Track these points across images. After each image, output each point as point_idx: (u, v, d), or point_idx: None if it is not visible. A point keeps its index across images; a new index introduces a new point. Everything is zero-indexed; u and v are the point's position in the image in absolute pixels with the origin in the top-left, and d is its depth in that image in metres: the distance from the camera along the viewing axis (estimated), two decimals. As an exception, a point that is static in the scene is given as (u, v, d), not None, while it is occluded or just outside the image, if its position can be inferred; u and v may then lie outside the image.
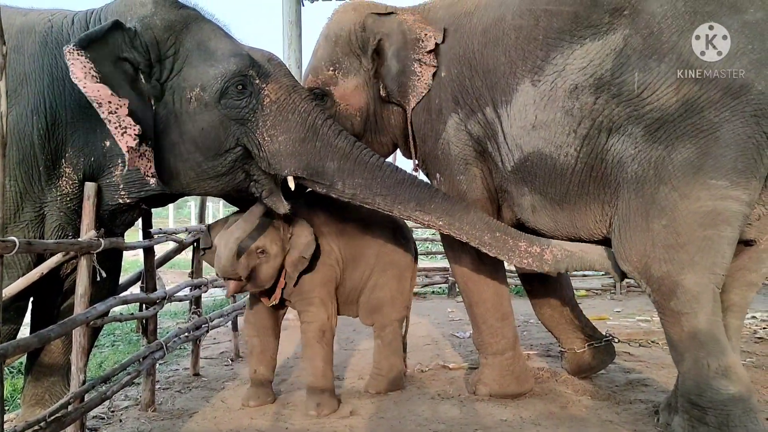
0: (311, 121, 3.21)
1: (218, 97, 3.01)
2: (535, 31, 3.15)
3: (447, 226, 3.29)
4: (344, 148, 3.25)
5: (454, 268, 3.99)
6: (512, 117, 3.28)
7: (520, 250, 3.25)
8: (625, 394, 3.90)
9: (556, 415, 3.56)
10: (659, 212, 2.83)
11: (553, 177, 3.21)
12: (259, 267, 3.55)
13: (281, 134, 3.14)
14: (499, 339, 3.86)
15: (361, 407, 3.77)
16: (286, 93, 3.19)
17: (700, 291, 2.81)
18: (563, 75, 3.04)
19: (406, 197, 3.28)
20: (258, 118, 3.11)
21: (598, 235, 3.22)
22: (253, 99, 3.09)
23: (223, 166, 3.12)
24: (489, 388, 3.87)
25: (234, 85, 3.03)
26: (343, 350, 5.31)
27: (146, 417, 3.65)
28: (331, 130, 3.25)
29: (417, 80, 3.68)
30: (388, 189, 3.27)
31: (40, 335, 2.49)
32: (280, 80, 3.22)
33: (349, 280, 4.02)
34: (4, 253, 2.18)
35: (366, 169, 3.26)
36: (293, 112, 3.17)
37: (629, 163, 2.91)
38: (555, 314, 4.33)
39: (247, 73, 3.07)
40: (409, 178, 3.39)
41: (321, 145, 3.20)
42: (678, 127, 2.77)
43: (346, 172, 3.23)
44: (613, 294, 9.04)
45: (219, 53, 3.06)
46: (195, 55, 3.04)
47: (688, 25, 2.75)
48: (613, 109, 2.92)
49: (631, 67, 2.86)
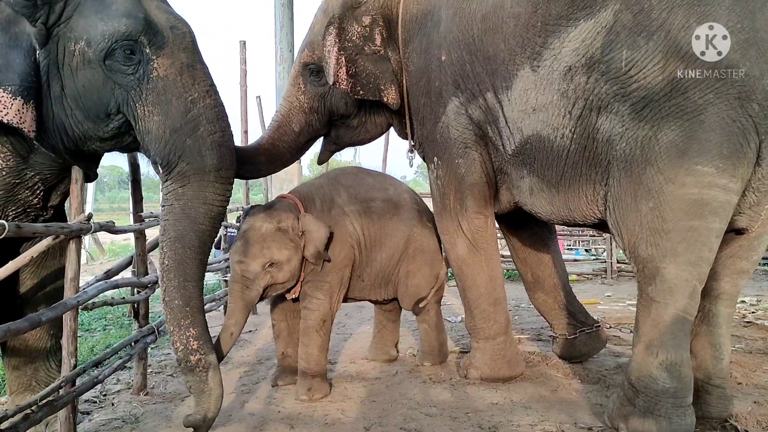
0: (194, 115, 2.80)
1: (103, 57, 2.67)
2: (534, 18, 3.12)
3: (165, 272, 2.90)
4: (207, 166, 2.83)
5: (449, 252, 3.99)
6: (513, 101, 3.27)
7: (183, 331, 2.89)
8: (615, 377, 3.92)
9: (547, 399, 3.58)
10: (646, 194, 2.81)
11: (550, 159, 3.20)
12: (276, 277, 3.54)
13: (157, 115, 2.76)
14: (491, 324, 3.88)
15: (353, 391, 3.79)
16: (176, 71, 2.78)
17: (677, 284, 2.80)
18: (558, 58, 3.02)
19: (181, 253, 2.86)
20: (142, 90, 2.74)
21: (591, 217, 3.21)
22: (140, 68, 2.73)
23: (106, 132, 2.80)
24: (480, 372, 3.89)
25: (121, 48, 2.68)
26: (336, 334, 5.31)
27: (138, 401, 3.65)
28: (211, 138, 2.83)
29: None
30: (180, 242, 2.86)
31: (31, 319, 2.47)
32: (175, 55, 2.80)
33: (376, 262, 4.01)
34: (-6, 237, 2.17)
35: (191, 207, 2.84)
36: (178, 96, 2.78)
37: (617, 141, 2.88)
38: (548, 299, 4.34)
39: (137, 38, 2.70)
40: (201, 250, 2.91)
41: (191, 145, 2.80)
42: (663, 107, 2.72)
43: (185, 186, 2.84)
44: (604, 279, 9.11)
45: (113, 8, 2.69)
46: (89, 3, 2.69)
47: (678, 1, 2.69)
48: (602, 87, 2.89)
49: (620, 44, 2.81)
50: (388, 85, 3.88)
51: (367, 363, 4.43)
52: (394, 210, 4.07)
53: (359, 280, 4.00)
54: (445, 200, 3.83)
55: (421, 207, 4.29)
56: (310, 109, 4.06)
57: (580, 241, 12.24)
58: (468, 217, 3.76)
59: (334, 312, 3.85)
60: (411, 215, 4.13)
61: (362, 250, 3.93)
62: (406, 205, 4.14)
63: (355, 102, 3.97)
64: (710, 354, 3.16)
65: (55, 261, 3.12)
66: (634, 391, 2.93)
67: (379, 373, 4.18)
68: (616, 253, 9.22)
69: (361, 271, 3.98)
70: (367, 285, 4.06)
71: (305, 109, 4.05)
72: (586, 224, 3.35)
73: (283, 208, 3.69)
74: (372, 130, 4.21)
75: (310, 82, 4.04)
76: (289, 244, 3.56)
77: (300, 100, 4.06)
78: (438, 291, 4.28)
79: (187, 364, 2.90)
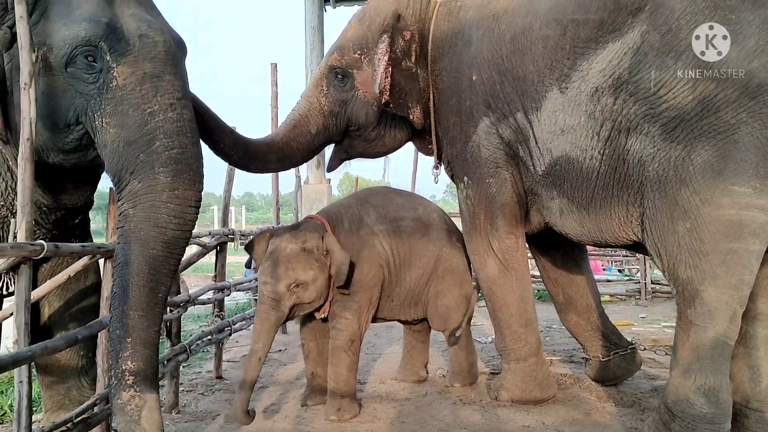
0: (151, 128, 2.50)
1: (64, 63, 2.52)
2: (562, 41, 3.14)
3: (111, 300, 2.59)
4: (160, 184, 2.48)
5: (479, 272, 3.97)
6: (542, 122, 3.27)
7: (120, 364, 2.45)
8: (650, 401, 3.84)
9: (580, 422, 3.52)
10: (683, 215, 2.78)
11: (580, 181, 3.19)
12: (302, 297, 3.56)
13: (113, 127, 2.52)
14: (522, 345, 3.83)
15: (382, 412, 3.77)
16: (137, 81, 2.52)
17: (717, 307, 2.74)
18: (586, 79, 3.03)
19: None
20: (102, 99, 2.52)
21: (623, 238, 3.17)
22: (101, 77, 2.52)
23: (66, 143, 2.65)
24: (511, 393, 3.84)
25: (82, 54, 2.50)
26: (365, 354, 5.30)
27: (170, 419, 3.68)
28: (167, 154, 2.49)
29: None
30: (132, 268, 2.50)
31: (67, 337, 2.54)
32: (138, 64, 2.54)
33: (405, 282, 4.00)
34: (33, 257, 2.23)
35: (141, 230, 2.49)
36: (136, 107, 2.50)
37: (649, 162, 2.87)
38: (581, 320, 4.28)
39: (97, 44, 2.50)
40: (151, 278, 2.51)
41: (144, 160, 2.49)
42: (695, 126, 2.70)
43: (136, 207, 2.50)
44: (638, 300, 8.94)
45: (77, 13, 2.53)
46: (56, 8, 2.55)
47: (707, 21, 2.68)
48: (630, 108, 2.89)
49: (648, 65, 2.82)
50: (415, 104, 3.90)
51: (397, 383, 4.41)
52: (424, 230, 4.07)
53: (388, 300, 4.00)
54: (475, 220, 3.82)
55: (451, 227, 4.27)
56: (330, 113, 4.01)
57: (613, 261, 12.06)
58: (499, 237, 3.74)
59: (363, 332, 3.84)
60: (440, 235, 4.12)
61: (391, 270, 3.93)
62: (435, 225, 4.14)
63: (376, 113, 3.96)
64: (748, 376, 3.08)
65: (79, 283, 3.15)
66: (670, 416, 2.87)
67: (408, 393, 4.15)
68: (650, 274, 9.06)
69: (390, 291, 3.97)
70: (396, 305, 4.05)
71: (325, 112, 4.01)
72: (617, 245, 3.32)
73: (309, 228, 3.71)
74: (389, 143, 4.19)
75: (333, 86, 4.01)
76: (315, 264, 3.57)
77: (321, 102, 4.02)
78: (469, 312, 4.25)
79: (117, 401, 2.44)
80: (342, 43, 3.99)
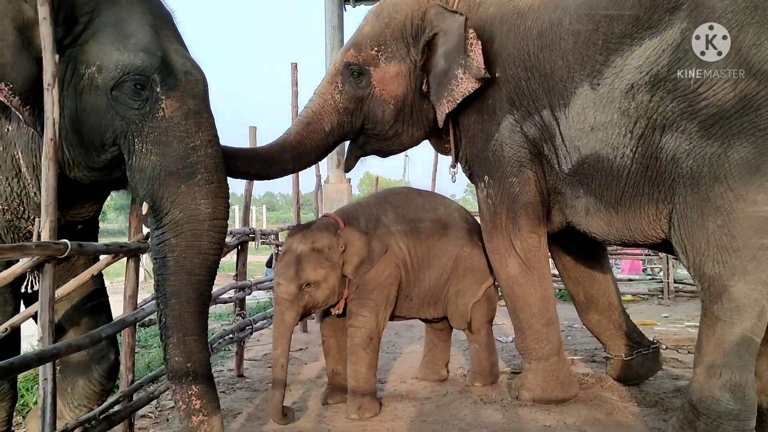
0: (193, 161, 2.67)
1: (111, 86, 2.60)
2: (595, 36, 3.11)
3: (163, 329, 2.76)
4: (202, 214, 2.67)
5: (499, 272, 3.94)
6: (570, 119, 3.25)
7: (185, 390, 2.67)
8: (673, 401, 3.80)
9: (602, 422, 3.49)
10: (714, 211, 2.76)
11: (609, 179, 3.17)
12: (315, 296, 3.58)
13: (155, 155, 2.65)
14: (543, 344, 3.81)
15: (403, 411, 3.77)
16: (183, 116, 2.68)
17: (746, 303, 2.72)
18: (620, 76, 3.02)
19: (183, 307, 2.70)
20: (144, 126, 2.65)
21: (652, 237, 3.15)
22: (147, 105, 2.64)
23: (97, 162, 2.73)
24: (532, 393, 3.82)
25: (132, 81, 2.61)
26: (385, 353, 5.30)
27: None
28: (208, 187, 2.69)
29: (456, 86, 3.60)
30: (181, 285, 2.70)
31: (92, 335, 2.58)
32: (184, 99, 2.70)
33: (424, 282, 4.01)
34: (57, 255, 2.27)
35: (186, 259, 2.67)
36: (180, 140, 2.67)
37: (684, 159, 2.85)
38: (603, 319, 4.24)
39: (150, 75, 2.63)
40: (199, 302, 2.75)
41: (185, 191, 2.66)
42: (734, 123, 2.69)
43: (179, 236, 2.67)
44: (660, 299, 8.83)
45: (132, 41, 2.64)
46: (107, 32, 2.63)
47: (748, 19, 2.68)
48: (667, 105, 2.88)
49: (688, 62, 2.81)
50: None
51: (418, 382, 4.40)
52: (443, 230, 4.06)
53: (407, 300, 4.00)
54: (496, 219, 3.79)
55: (472, 226, 4.26)
56: (345, 110, 3.93)
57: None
58: (521, 237, 3.71)
59: (381, 330, 3.85)
60: (460, 234, 4.11)
61: (408, 269, 3.93)
62: (455, 225, 4.13)
63: (393, 111, 3.90)
64: (774, 376, 3.04)
65: (88, 283, 3.10)
66: (695, 413, 2.83)
67: (429, 392, 4.15)
68: (673, 273, 8.95)
69: (409, 290, 3.97)
70: (415, 304, 4.05)
71: (339, 109, 3.92)
72: (646, 244, 3.29)
73: (320, 227, 3.72)
74: (407, 142, 4.12)
75: (349, 83, 3.92)
76: (325, 263, 3.58)
77: (335, 98, 3.93)
78: (490, 311, 4.23)
79: (189, 425, 2.65)
80: (358, 40, 3.93)
